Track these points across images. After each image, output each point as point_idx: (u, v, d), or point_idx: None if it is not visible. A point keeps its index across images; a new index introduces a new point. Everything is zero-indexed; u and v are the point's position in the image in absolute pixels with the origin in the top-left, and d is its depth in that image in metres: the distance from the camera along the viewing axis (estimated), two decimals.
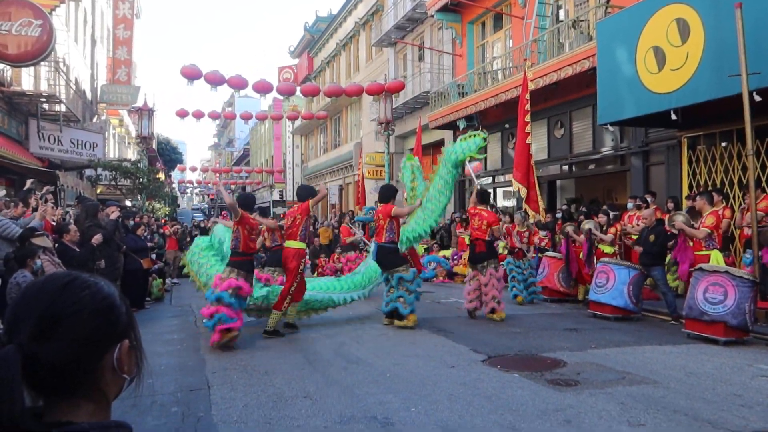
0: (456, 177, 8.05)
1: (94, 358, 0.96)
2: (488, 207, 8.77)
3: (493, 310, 8.16)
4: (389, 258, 7.82)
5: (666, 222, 8.68)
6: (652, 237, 8.20)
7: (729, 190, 10.26)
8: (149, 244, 11.55)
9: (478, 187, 9.62)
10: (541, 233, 11.53)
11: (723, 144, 10.60)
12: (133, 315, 1.06)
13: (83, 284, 0.99)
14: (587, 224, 9.92)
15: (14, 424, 0.84)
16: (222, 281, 6.63)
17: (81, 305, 0.96)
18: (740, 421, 4.07)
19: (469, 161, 7.96)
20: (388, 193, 8.20)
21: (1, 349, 0.89)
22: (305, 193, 7.75)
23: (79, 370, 0.94)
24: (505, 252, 12.70)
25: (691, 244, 8.13)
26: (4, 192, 7.61)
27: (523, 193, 10.68)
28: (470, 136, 7.94)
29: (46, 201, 8.04)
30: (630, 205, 10.99)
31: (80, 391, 0.96)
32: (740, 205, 9.84)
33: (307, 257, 9.35)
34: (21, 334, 0.92)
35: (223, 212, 7.94)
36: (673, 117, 9.14)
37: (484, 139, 7.85)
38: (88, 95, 22.97)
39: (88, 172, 22.09)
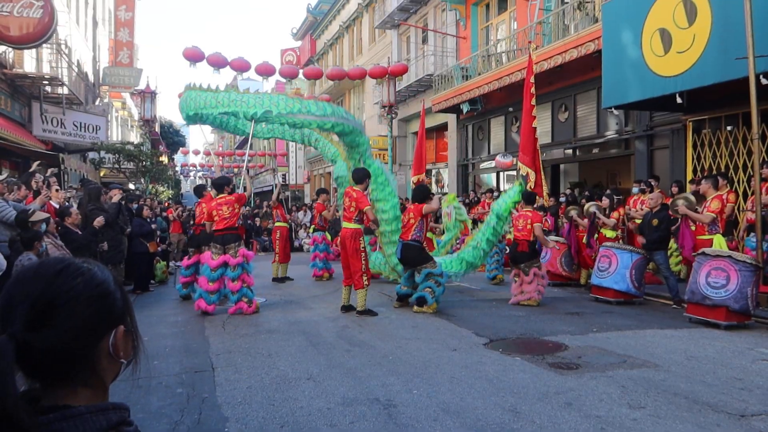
0: (503, 227, 8.96)
1: (89, 345, 0.96)
2: (533, 207, 8.84)
3: (530, 298, 8.28)
4: (414, 255, 7.87)
5: (671, 206, 8.67)
6: (655, 221, 8.19)
7: (734, 175, 10.22)
8: (153, 226, 11.56)
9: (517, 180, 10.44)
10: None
11: (728, 128, 10.54)
12: (129, 299, 1.06)
13: (76, 271, 0.97)
14: (591, 207, 9.92)
15: (7, 414, 0.83)
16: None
17: (74, 292, 0.95)
18: (740, 404, 4.10)
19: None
20: (422, 194, 8.20)
21: None
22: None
23: (74, 357, 0.94)
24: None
25: (693, 228, 8.11)
26: (5, 175, 7.61)
27: (532, 177, 10.65)
28: (510, 189, 9.03)
29: (49, 185, 8.05)
30: (635, 189, 10.95)
31: (76, 377, 0.95)
32: (744, 189, 9.82)
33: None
34: (14, 322, 0.91)
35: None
36: (679, 100, 9.09)
37: (521, 184, 9.03)
38: (91, 78, 22.89)
39: (91, 154, 22.09)
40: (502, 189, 17.49)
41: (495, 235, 8.91)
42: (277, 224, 11.65)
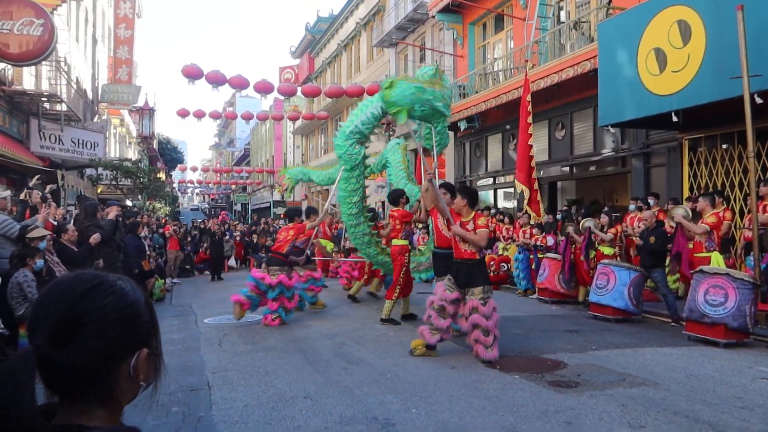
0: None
1: (110, 366, 0.94)
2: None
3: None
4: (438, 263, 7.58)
5: (667, 215, 8.70)
6: (652, 239, 8.20)
7: (730, 193, 10.26)
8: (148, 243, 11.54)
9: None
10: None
11: (724, 146, 10.60)
12: (156, 320, 1.04)
13: (108, 289, 0.96)
14: (587, 222, 9.95)
15: (23, 427, 0.83)
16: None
17: (102, 312, 0.93)
18: (741, 423, 4.07)
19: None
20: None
21: (19, 351, 0.88)
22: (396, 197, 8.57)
23: (94, 377, 0.93)
24: (505, 253, 12.76)
25: (690, 245, 8.12)
26: (8, 192, 7.62)
27: (527, 194, 10.70)
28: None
29: (47, 201, 8.04)
30: (632, 206, 10.98)
31: (93, 396, 0.94)
32: (741, 207, 9.85)
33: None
34: (39, 335, 0.91)
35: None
36: (674, 119, 9.14)
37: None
38: (89, 95, 22.98)
39: (88, 171, 22.10)
40: (499, 206, 17.53)
41: None
42: None
